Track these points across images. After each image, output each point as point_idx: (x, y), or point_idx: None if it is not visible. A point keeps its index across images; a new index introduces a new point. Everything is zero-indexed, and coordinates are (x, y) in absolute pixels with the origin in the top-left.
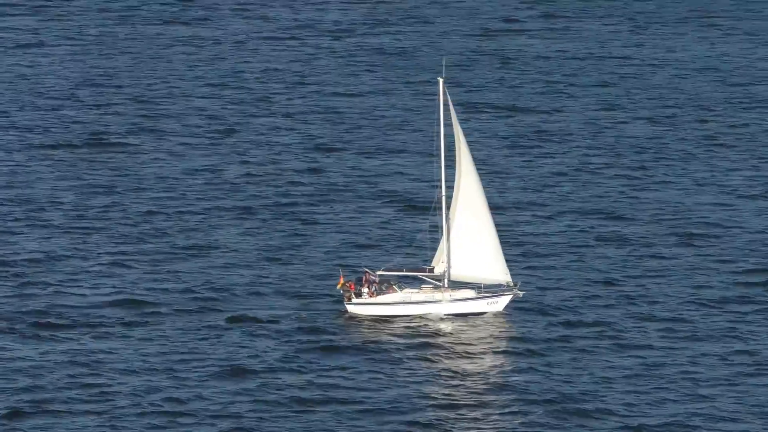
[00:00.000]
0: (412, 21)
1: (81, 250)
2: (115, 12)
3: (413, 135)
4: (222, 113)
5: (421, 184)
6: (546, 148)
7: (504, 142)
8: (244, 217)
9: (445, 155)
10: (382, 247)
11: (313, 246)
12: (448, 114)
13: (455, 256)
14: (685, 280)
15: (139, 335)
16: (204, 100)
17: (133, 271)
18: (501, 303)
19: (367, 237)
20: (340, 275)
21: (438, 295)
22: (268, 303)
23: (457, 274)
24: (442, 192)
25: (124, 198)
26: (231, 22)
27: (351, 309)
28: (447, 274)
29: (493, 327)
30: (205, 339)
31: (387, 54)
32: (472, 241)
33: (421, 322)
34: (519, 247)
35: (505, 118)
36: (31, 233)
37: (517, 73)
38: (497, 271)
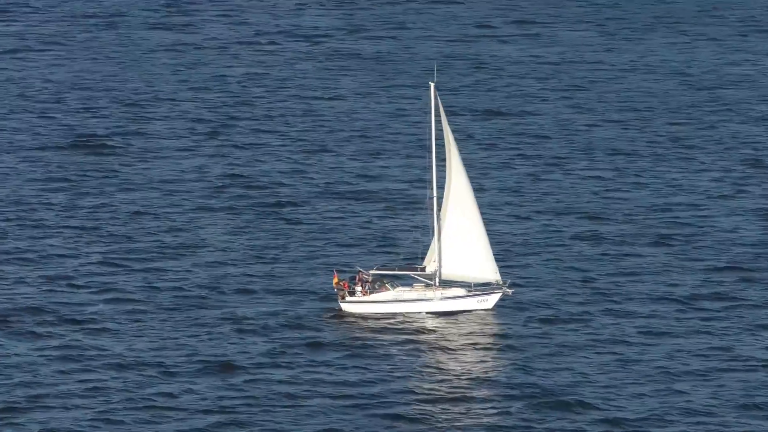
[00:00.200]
0: (389, 26)
1: (72, 250)
2: (100, 18)
3: (393, 137)
4: (206, 116)
5: (402, 184)
6: (521, 150)
7: (480, 144)
8: (229, 217)
9: (435, 157)
10: (364, 246)
11: (298, 245)
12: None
13: (446, 255)
14: (659, 278)
15: (130, 332)
16: (188, 103)
17: (123, 270)
18: (491, 301)
19: (349, 236)
20: (334, 274)
21: (429, 293)
22: (256, 300)
23: (447, 273)
24: (434, 193)
25: (113, 199)
26: (213, 27)
27: (345, 307)
28: (438, 273)
29: (481, 324)
30: (194, 336)
31: (365, 58)
32: (462, 241)
33: (412, 319)
34: (497, 246)
35: (481, 121)
36: (22, 233)
37: (492, 77)
38: (487, 269)
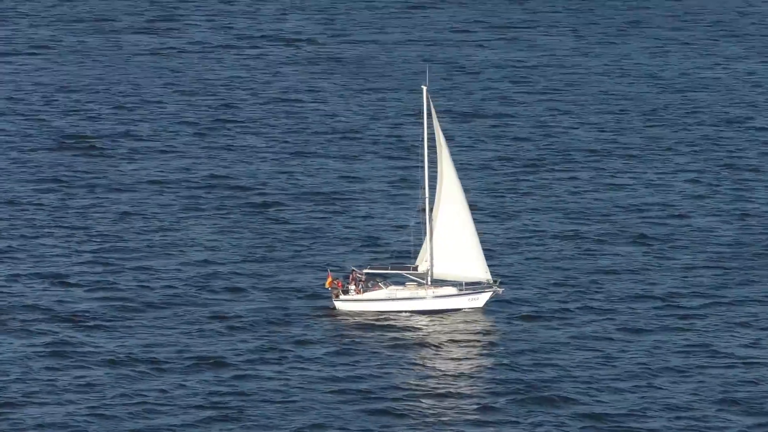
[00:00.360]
0: (369, 31)
1: (64, 249)
2: (87, 22)
3: (374, 138)
4: (191, 118)
5: (385, 185)
6: (501, 151)
7: (460, 146)
8: (216, 217)
9: (427, 159)
10: (349, 245)
11: (284, 244)
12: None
13: (438, 255)
14: (638, 277)
15: (121, 329)
16: (174, 105)
17: (114, 268)
18: (481, 299)
19: (334, 236)
20: (328, 274)
21: (422, 292)
22: (245, 298)
23: (439, 273)
24: (426, 194)
25: (103, 199)
26: (197, 32)
27: (339, 305)
28: (430, 273)
29: (470, 322)
30: (185, 333)
31: (346, 62)
32: (454, 241)
33: (404, 317)
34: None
35: (460, 123)
36: (15, 232)
37: (470, 80)
38: (478, 269)
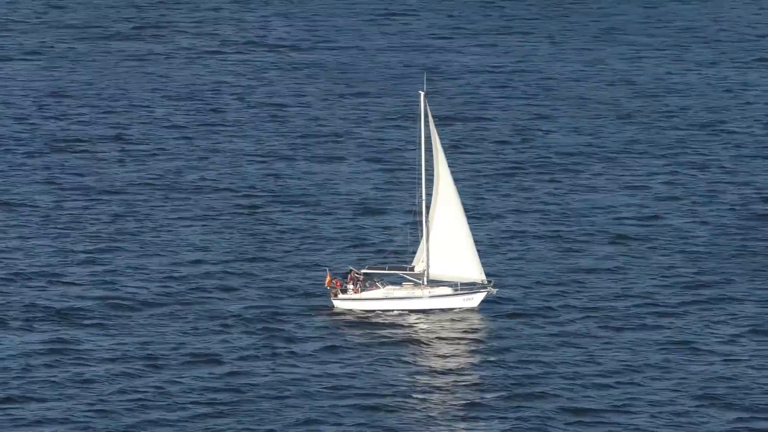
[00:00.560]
0: (350, 38)
1: (60, 249)
2: (77, 29)
3: (357, 142)
4: (179, 122)
5: (368, 187)
6: (481, 155)
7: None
8: (207, 218)
9: (424, 162)
10: (336, 246)
11: (274, 245)
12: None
13: (434, 256)
14: (618, 276)
15: (117, 327)
16: (162, 109)
17: (108, 268)
18: (476, 300)
19: (321, 237)
20: (327, 273)
21: (418, 291)
22: (237, 297)
23: (435, 273)
24: (422, 196)
25: (95, 201)
26: (183, 38)
27: (337, 304)
28: (426, 273)
29: (462, 321)
30: (179, 330)
31: (328, 68)
32: (449, 243)
33: (400, 316)
34: None
35: (441, 127)
36: (10, 233)
37: (450, 85)
38: (473, 270)
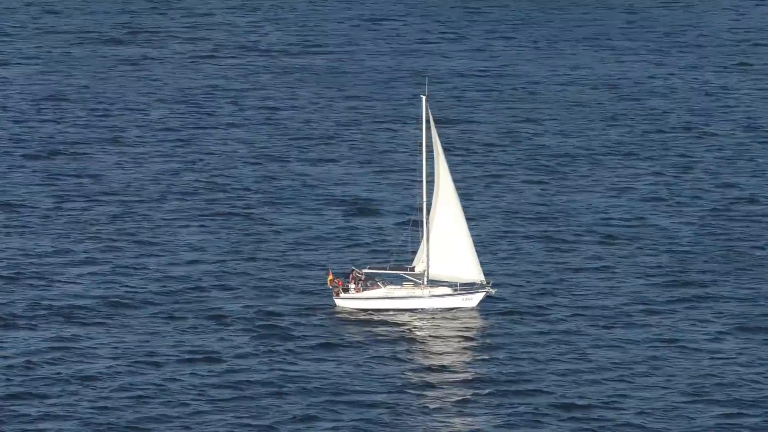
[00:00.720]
0: (339, 42)
1: (60, 249)
2: (73, 34)
3: (348, 144)
4: (174, 125)
5: (358, 188)
6: (469, 157)
7: (430, 152)
8: (203, 218)
9: (425, 165)
10: (329, 246)
11: (270, 244)
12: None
13: (434, 256)
14: (606, 275)
15: (118, 326)
16: (157, 112)
17: (109, 267)
18: (475, 299)
19: (315, 236)
20: (329, 272)
21: (418, 291)
22: (234, 296)
23: (435, 273)
24: (423, 198)
25: (94, 202)
26: (176, 44)
27: (339, 303)
28: (426, 273)
29: (459, 320)
30: (178, 328)
31: (318, 72)
32: (449, 244)
33: (400, 315)
34: None
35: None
36: (11, 234)
37: (437, 89)
38: (472, 270)
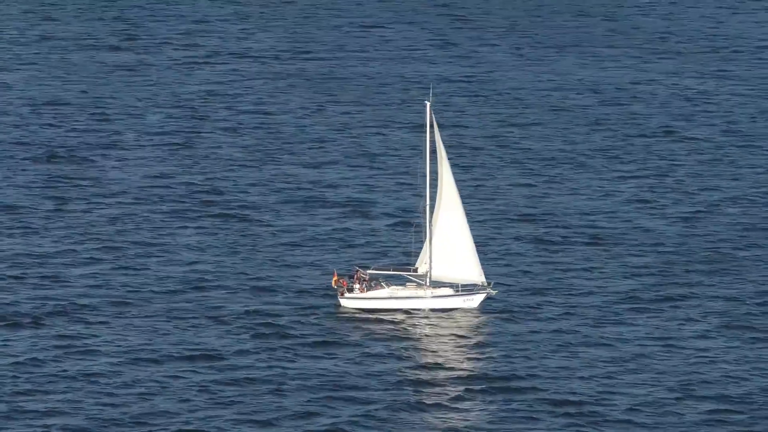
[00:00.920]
0: (329, 49)
1: (62, 250)
2: (70, 41)
3: (339, 148)
4: (170, 129)
5: (349, 189)
6: (458, 161)
7: (420, 156)
8: (200, 220)
9: (426, 168)
10: (325, 247)
11: (266, 246)
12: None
13: (436, 258)
14: (595, 275)
15: (120, 324)
16: (153, 117)
17: (109, 267)
18: (476, 300)
19: (310, 238)
20: (334, 273)
21: (421, 292)
22: (233, 295)
23: (437, 275)
24: (427, 201)
25: (93, 205)
26: (170, 50)
27: (344, 303)
28: (429, 274)
29: (458, 320)
30: (179, 327)
31: (309, 77)
32: (451, 246)
33: (402, 314)
34: None
35: (419, 133)
36: (14, 235)
37: (424, 93)
38: (473, 272)
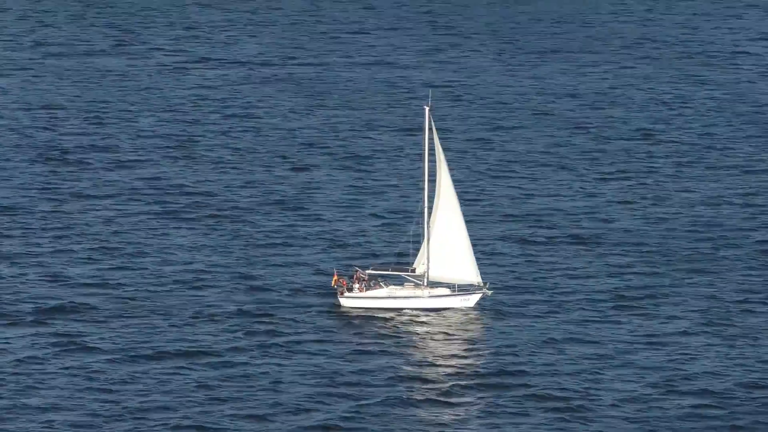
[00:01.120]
0: (316, 54)
1: (59, 250)
2: (64, 46)
3: (328, 150)
4: (162, 132)
5: (341, 192)
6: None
7: (406, 158)
8: (193, 221)
9: (424, 171)
10: (316, 247)
11: (259, 246)
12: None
13: (434, 259)
14: (579, 273)
15: (118, 323)
16: (145, 120)
17: (107, 267)
18: (472, 300)
19: (303, 238)
20: (334, 272)
21: (419, 291)
22: (229, 294)
23: (435, 275)
24: (425, 203)
25: (89, 206)
26: (161, 56)
27: (343, 302)
28: (427, 275)
29: (455, 319)
30: (175, 325)
31: (296, 82)
32: (449, 247)
33: (401, 314)
34: None
35: (403, 137)
36: (12, 234)
37: (409, 98)
38: (470, 273)
